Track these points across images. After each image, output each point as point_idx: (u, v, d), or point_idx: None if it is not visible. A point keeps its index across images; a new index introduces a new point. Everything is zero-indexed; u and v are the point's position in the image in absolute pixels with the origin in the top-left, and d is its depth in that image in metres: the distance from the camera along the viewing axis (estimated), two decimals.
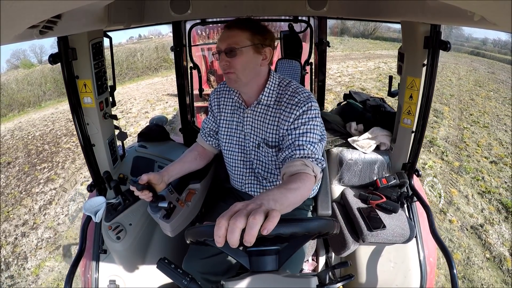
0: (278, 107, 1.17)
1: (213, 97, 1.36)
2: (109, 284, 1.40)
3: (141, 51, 12.45)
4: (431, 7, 0.94)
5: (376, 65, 11.87)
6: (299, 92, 1.15)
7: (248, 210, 0.64)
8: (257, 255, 0.77)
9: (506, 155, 4.96)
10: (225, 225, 0.61)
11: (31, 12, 0.45)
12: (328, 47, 2.12)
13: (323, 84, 2.19)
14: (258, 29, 1.12)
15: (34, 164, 5.33)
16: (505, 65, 13.67)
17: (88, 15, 0.96)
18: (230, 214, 0.64)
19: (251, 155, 1.28)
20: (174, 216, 1.26)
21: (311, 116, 1.11)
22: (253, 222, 0.60)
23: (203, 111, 4.65)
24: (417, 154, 1.50)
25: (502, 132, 6.13)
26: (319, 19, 2.03)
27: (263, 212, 0.62)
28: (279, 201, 0.76)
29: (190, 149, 1.41)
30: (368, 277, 1.56)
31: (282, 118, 1.15)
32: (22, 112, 9.05)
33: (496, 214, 3.52)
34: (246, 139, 1.27)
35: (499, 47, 18.24)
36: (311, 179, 0.99)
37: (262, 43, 1.12)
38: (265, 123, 1.20)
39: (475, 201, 3.75)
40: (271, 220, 0.61)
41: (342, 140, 1.72)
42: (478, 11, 0.53)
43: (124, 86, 10.26)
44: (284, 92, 1.17)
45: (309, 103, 1.12)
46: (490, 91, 9.45)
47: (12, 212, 3.96)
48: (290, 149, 1.08)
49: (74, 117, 1.27)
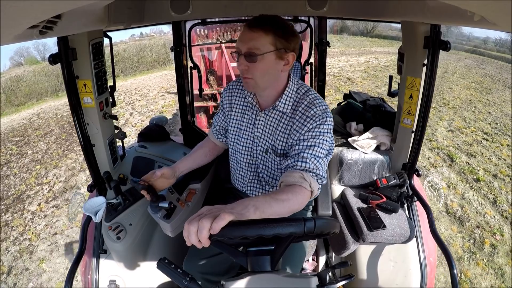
0: (292, 116, 1.12)
1: (225, 94, 1.32)
2: (109, 284, 1.40)
3: (150, 47, 13.22)
4: (431, 7, 0.94)
5: (366, 60, 12.43)
6: (316, 104, 1.09)
7: (206, 214, 0.71)
8: (255, 255, 0.77)
9: (464, 126, 6.16)
10: (187, 228, 0.70)
11: (31, 12, 0.45)
12: (328, 47, 2.11)
13: (323, 84, 2.18)
14: (282, 32, 1.03)
15: (71, 133, 6.27)
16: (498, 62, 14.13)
17: (88, 15, 0.96)
18: (192, 218, 0.71)
19: (258, 158, 1.25)
20: (175, 216, 1.26)
21: (322, 131, 1.06)
22: (200, 226, 0.68)
23: (203, 111, 4.65)
24: (417, 154, 1.50)
25: (469, 112, 7.11)
26: (319, 19, 2.02)
27: (212, 216, 0.69)
28: (260, 208, 0.79)
29: (201, 145, 1.40)
30: (368, 277, 1.56)
31: (294, 128, 1.11)
32: (41, 101, 9.75)
33: (441, 161, 4.75)
34: (255, 142, 1.24)
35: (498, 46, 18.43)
36: (305, 194, 0.97)
37: (286, 48, 1.04)
38: (277, 129, 1.16)
39: (423, 153, 4.90)
40: (217, 222, 0.67)
41: (342, 140, 1.72)
42: (478, 11, 0.53)
43: (136, 78, 11.18)
44: (301, 101, 1.12)
45: (325, 118, 1.07)
46: (473, 82, 9.94)
47: (60, 163, 5.13)
48: (293, 158, 1.05)
49: (74, 117, 1.26)
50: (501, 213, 3.64)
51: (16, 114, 8.77)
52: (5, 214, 3.87)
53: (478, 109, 7.38)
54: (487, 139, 5.70)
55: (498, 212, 3.66)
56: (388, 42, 17.83)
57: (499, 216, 3.59)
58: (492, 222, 3.46)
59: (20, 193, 4.36)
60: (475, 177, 4.37)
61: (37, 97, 9.98)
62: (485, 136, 5.81)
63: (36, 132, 6.81)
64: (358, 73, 10.24)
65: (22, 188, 4.49)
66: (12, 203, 4.11)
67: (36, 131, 6.92)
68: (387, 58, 12.78)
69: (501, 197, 3.92)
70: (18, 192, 4.38)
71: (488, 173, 4.51)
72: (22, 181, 4.70)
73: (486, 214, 3.62)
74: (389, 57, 12.90)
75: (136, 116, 7.04)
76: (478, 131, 6.05)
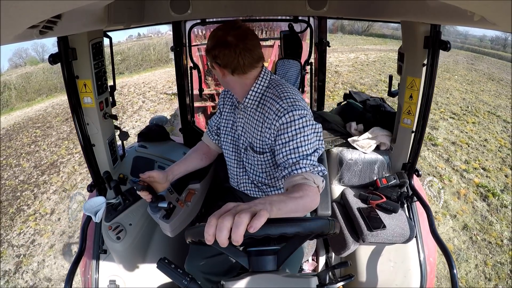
0: (262, 112, 1.13)
1: (222, 96, 1.37)
2: (109, 284, 1.39)
3: (153, 46, 13.77)
4: (431, 7, 0.94)
5: (356, 56, 12.78)
6: (283, 97, 1.07)
7: (237, 210, 0.64)
8: (256, 255, 0.77)
9: (434, 108, 6.65)
10: (215, 223, 0.62)
11: (31, 12, 0.45)
12: (328, 47, 2.12)
13: (323, 84, 2.19)
14: (212, 46, 1.10)
15: None
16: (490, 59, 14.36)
17: (88, 15, 0.96)
18: (221, 213, 0.64)
19: (242, 156, 1.28)
20: (174, 216, 1.26)
21: (297, 128, 1.02)
22: (238, 221, 0.60)
23: (201, 111, 4.65)
24: (417, 154, 1.50)
25: (443, 98, 7.57)
26: (319, 19, 2.02)
27: (250, 212, 0.63)
28: (276, 205, 0.76)
29: (194, 149, 1.41)
30: (368, 277, 1.56)
31: (265, 126, 1.11)
32: (50, 96, 10.26)
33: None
34: (238, 140, 1.27)
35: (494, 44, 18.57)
36: (314, 190, 0.97)
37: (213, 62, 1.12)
38: (252, 126, 1.18)
39: None
40: (258, 219, 0.61)
41: (342, 140, 1.72)
42: (478, 11, 0.53)
43: (141, 74, 11.81)
44: (269, 96, 1.11)
45: (291, 112, 1.03)
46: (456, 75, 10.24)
47: None
48: (286, 169, 1.03)
49: (74, 117, 1.26)
50: (452, 167, 4.43)
51: (28, 108, 9.29)
52: (42, 176, 4.74)
53: (453, 96, 7.84)
54: (454, 117, 6.29)
55: (450, 166, 4.45)
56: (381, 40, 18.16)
57: (450, 169, 4.39)
58: (442, 172, 4.28)
59: (53, 161, 5.17)
60: (433, 143, 5.05)
61: (47, 93, 10.47)
62: (453, 116, 6.39)
63: (57, 119, 7.42)
64: (345, 68, 10.68)
65: (54, 157, 5.30)
66: (47, 168, 4.95)
67: (55, 118, 7.51)
68: (376, 54, 13.03)
69: (455, 156, 4.74)
70: (51, 160, 5.19)
71: (447, 141, 5.20)
72: (53, 153, 5.49)
73: (438, 167, 4.38)
74: (379, 54, 13.12)
75: (148, 103, 7.77)
76: (447, 112, 6.58)
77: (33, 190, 4.36)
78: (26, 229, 3.56)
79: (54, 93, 10.43)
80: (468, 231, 3.23)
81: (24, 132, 6.86)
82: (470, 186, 4.03)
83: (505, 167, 4.54)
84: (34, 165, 5.13)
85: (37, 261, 3.05)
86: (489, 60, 14.04)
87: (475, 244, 3.10)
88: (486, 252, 3.01)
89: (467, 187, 4.00)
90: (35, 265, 3.01)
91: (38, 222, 3.65)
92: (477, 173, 4.34)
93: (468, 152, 4.93)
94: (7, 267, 3.02)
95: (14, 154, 5.67)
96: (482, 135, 5.63)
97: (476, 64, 12.85)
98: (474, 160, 4.69)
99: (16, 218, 3.77)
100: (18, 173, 4.90)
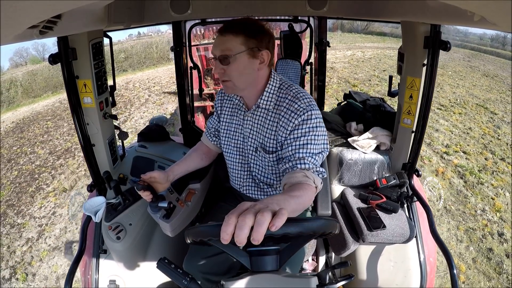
0: (277, 112, 1.13)
1: (218, 98, 1.36)
2: (109, 284, 1.39)
3: (156, 44, 13.89)
4: (431, 7, 0.94)
5: (352, 53, 12.89)
6: (300, 97, 1.09)
7: (256, 209, 0.64)
8: (257, 255, 0.77)
9: None
10: (234, 222, 0.61)
11: (31, 12, 0.45)
12: (328, 47, 2.12)
13: (323, 84, 2.19)
14: (253, 32, 1.05)
15: None
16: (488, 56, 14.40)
17: (88, 15, 0.96)
18: (239, 212, 0.63)
19: (249, 158, 1.27)
20: (174, 216, 1.26)
21: (311, 126, 1.06)
22: (261, 219, 0.60)
23: (200, 111, 4.65)
24: (417, 154, 1.50)
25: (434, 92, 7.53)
26: (319, 19, 2.02)
27: (270, 211, 0.63)
28: (282, 205, 0.76)
29: (194, 149, 1.41)
30: (368, 277, 1.56)
31: (280, 125, 1.11)
32: (56, 93, 10.38)
33: None
34: (245, 142, 1.26)
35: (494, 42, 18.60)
36: (311, 190, 0.98)
37: (258, 47, 1.06)
38: (264, 127, 1.18)
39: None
40: (280, 217, 0.61)
41: (342, 140, 1.72)
42: (478, 11, 0.53)
43: (144, 71, 12.03)
44: (284, 96, 1.13)
45: (309, 111, 1.06)
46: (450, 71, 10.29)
47: None
48: (291, 162, 1.05)
49: (74, 117, 1.26)
50: (433, 150, 4.69)
51: (35, 104, 9.50)
52: (58, 160, 5.09)
53: (444, 90, 7.92)
54: (441, 109, 6.43)
55: (431, 149, 4.70)
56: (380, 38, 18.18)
57: (431, 151, 4.64)
58: (423, 154, 4.49)
59: (68, 147, 5.53)
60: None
61: (52, 89, 10.67)
62: (440, 107, 6.53)
63: (66, 112, 7.44)
64: (341, 64, 10.79)
65: (68, 144, 5.64)
66: (62, 154, 5.29)
67: (65, 111, 7.62)
68: (372, 52, 13.09)
69: (437, 141, 4.95)
70: (65, 147, 5.54)
71: (431, 128, 5.32)
72: (66, 141, 5.80)
73: None
74: (376, 51, 13.19)
75: (154, 96, 8.00)
76: (434, 103, 6.62)
77: (51, 172, 4.68)
78: (47, 203, 3.86)
79: (59, 90, 10.53)
80: (443, 202, 3.35)
81: (35, 124, 7.10)
82: (449, 166, 4.26)
83: (486, 152, 4.72)
84: (49, 151, 5.45)
85: (59, 228, 3.34)
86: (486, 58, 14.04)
87: (449, 213, 3.25)
88: (460, 219, 3.17)
89: (445, 166, 4.25)
90: (57, 231, 3.32)
91: (58, 198, 3.95)
92: (457, 155, 4.56)
93: (450, 138, 5.13)
94: (30, 235, 3.32)
95: (27, 144, 5.96)
96: (467, 124, 5.79)
97: (473, 61, 12.87)
98: (455, 145, 4.88)
99: (36, 195, 4.07)
100: (34, 159, 5.20)
